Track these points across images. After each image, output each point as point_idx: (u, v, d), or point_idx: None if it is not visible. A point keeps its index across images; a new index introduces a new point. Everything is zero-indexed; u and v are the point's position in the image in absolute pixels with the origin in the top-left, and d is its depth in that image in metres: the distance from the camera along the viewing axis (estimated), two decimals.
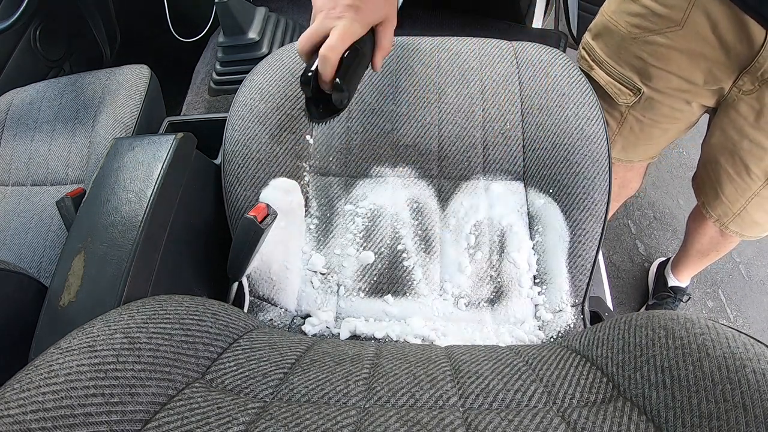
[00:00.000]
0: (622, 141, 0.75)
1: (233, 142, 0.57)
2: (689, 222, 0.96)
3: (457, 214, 0.58)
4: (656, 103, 0.66)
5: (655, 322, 0.32)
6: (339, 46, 0.42)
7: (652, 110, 0.68)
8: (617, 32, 0.64)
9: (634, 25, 0.61)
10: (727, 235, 0.83)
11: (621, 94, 0.67)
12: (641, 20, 0.60)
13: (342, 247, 0.57)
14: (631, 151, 0.77)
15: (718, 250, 0.94)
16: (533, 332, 0.53)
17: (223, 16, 0.82)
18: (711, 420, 0.25)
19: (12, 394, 0.26)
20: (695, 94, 0.63)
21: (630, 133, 0.73)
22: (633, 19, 0.61)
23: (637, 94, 0.66)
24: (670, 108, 0.66)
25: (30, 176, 0.80)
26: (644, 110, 0.68)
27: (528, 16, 1.11)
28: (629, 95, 0.67)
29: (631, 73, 0.65)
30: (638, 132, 0.72)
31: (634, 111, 0.69)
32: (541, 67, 0.61)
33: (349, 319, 0.54)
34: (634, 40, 0.62)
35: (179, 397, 0.31)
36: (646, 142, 0.74)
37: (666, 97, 0.65)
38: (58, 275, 0.45)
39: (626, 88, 0.66)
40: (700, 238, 0.93)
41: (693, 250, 0.99)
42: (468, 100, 0.61)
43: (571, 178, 0.56)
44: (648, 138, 0.73)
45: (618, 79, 0.66)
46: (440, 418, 0.29)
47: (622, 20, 0.63)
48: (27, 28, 1.02)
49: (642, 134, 0.72)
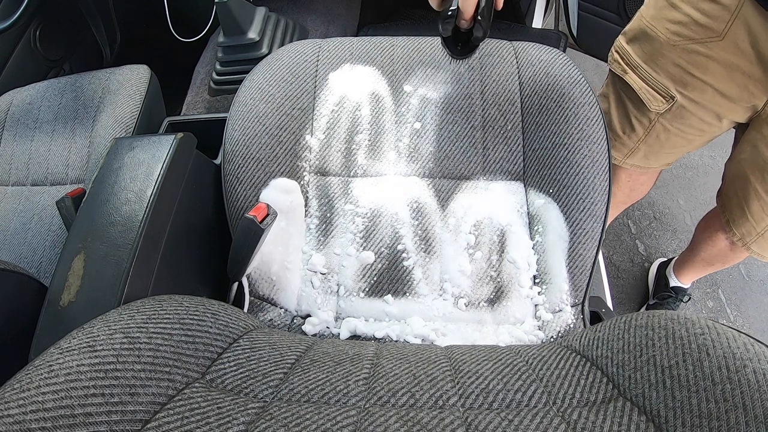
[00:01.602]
0: (645, 148, 0.74)
1: (233, 142, 0.57)
2: (698, 230, 0.95)
3: (456, 214, 0.58)
4: (687, 113, 0.65)
5: (655, 322, 0.32)
6: None
7: (681, 120, 0.67)
8: (656, 38, 0.63)
9: (674, 33, 0.60)
10: (736, 251, 0.82)
11: (654, 101, 0.66)
12: (682, 28, 0.59)
13: (342, 247, 0.57)
14: (652, 159, 0.76)
15: (725, 263, 0.93)
16: (533, 332, 0.53)
17: (223, 16, 0.82)
18: (711, 420, 0.25)
19: (12, 394, 0.26)
20: (728, 108, 0.62)
21: (655, 141, 0.72)
22: (673, 26, 0.60)
23: (670, 102, 0.65)
24: (700, 120, 0.65)
25: (30, 176, 0.80)
26: (673, 119, 0.67)
27: (528, 16, 1.11)
28: (662, 102, 0.66)
29: (666, 80, 0.64)
30: (664, 141, 0.71)
31: (663, 119, 0.68)
32: (541, 67, 0.61)
33: (349, 319, 0.54)
34: (673, 48, 0.61)
35: (179, 397, 0.31)
36: (669, 150, 0.73)
37: (698, 108, 0.64)
38: (58, 275, 0.45)
39: (660, 95, 0.65)
40: (708, 248, 0.92)
41: (698, 258, 0.98)
42: (468, 100, 0.61)
43: (570, 178, 0.56)
44: (672, 147, 0.72)
45: (652, 85, 0.66)
46: (440, 418, 0.29)
47: (662, 26, 0.62)
48: (27, 28, 1.01)
49: (667, 143, 0.71)
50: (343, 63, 0.63)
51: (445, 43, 0.57)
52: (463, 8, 0.48)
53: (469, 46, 0.55)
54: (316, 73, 0.62)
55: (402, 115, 0.61)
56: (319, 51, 0.64)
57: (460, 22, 0.50)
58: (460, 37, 0.54)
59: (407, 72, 0.63)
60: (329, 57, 0.64)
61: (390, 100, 0.62)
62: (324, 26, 1.06)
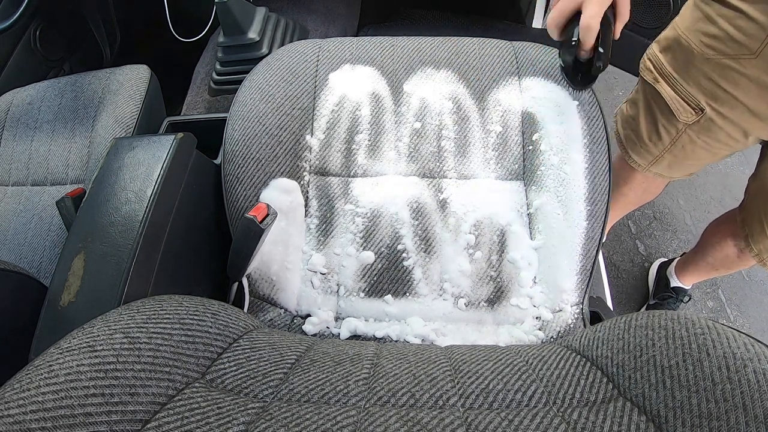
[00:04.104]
0: (670, 158, 0.74)
1: (233, 142, 0.57)
2: (707, 234, 0.95)
3: (456, 213, 0.58)
4: (715, 127, 0.65)
5: (655, 322, 0.32)
6: (599, 13, 0.48)
7: (708, 133, 0.66)
8: (689, 49, 0.62)
9: (708, 46, 0.60)
10: (744, 258, 0.82)
11: (683, 112, 0.66)
12: (717, 42, 0.59)
13: (342, 246, 0.57)
14: (676, 169, 0.76)
15: (730, 268, 0.93)
16: (533, 332, 0.53)
17: (223, 16, 0.83)
18: (711, 420, 0.25)
19: (12, 394, 0.26)
20: (756, 126, 0.62)
21: (681, 151, 0.72)
22: (708, 39, 0.60)
23: (699, 114, 0.65)
24: (727, 135, 0.65)
25: (30, 176, 0.80)
26: (701, 131, 0.67)
27: (528, 16, 1.11)
28: (691, 114, 0.65)
29: (697, 92, 0.63)
30: (689, 152, 0.71)
31: (690, 130, 0.68)
32: (541, 67, 0.61)
33: (349, 319, 0.54)
34: (707, 61, 0.60)
35: (179, 397, 0.31)
36: (693, 161, 0.73)
37: (727, 123, 0.63)
38: (58, 275, 0.45)
39: (690, 107, 0.65)
40: (716, 254, 0.92)
41: (705, 261, 0.98)
42: (468, 100, 0.61)
43: (570, 178, 0.56)
44: (696, 158, 0.72)
45: (683, 96, 0.65)
46: (440, 418, 0.29)
47: (696, 39, 0.61)
48: (27, 28, 1.01)
49: (692, 155, 0.71)
50: (343, 63, 0.63)
51: (565, 73, 0.58)
52: (584, 39, 0.49)
53: (590, 76, 0.56)
54: (316, 73, 0.62)
55: (402, 115, 0.61)
56: (319, 51, 0.64)
57: (580, 52, 0.51)
58: (580, 67, 0.55)
59: (407, 72, 0.63)
60: (329, 57, 0.64)
61: (390, 100, 0.62)
62: (324, 26, 1.06)
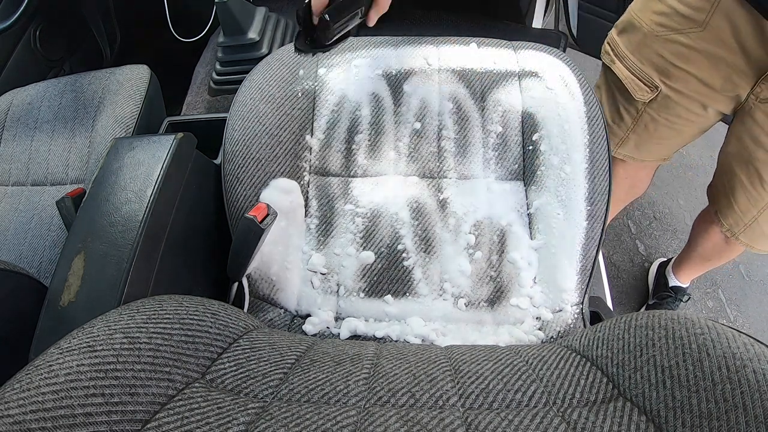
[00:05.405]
0: (635, 138, 0.76)
1: (233, 142, 0.57)
2: (695, 225, 0.96)
3: (456, 213, 0.58)
4: (672, 103, 0.66)
5: (655, 322, 0.32)
6: None
7: (667, 110, 0.68)
8: (641, 29, 0.64)
9: (658, 24, 0.62)
10: (731, 244, 0.83)
11: (639, 90, 0.68)
12: (665, 19, 0.61)
13: (342, 247, 0.57)
14: (644, 150, 0.77)
15: (721, 257, 0.94)
16: (533, 332, 0.53)
17: (223, 16, 0.83)
18: (711, 420, 0.25)
19: (12, 394, 0.26)
20: (712, 98, 0.63)
21: (644, 130, 0.73)
22: (657, 17, 0.62)
23: (655, 92, 0.66)
24: (686, 110, 0.66)
25: (30, 176, 0.80)
26: (660, 109, 0.68)
27: (528, 16, 1.11)
28: (647, 92, 0.67)
29: (650, 70, 0.65)
30: (652, 131, 0.72)
31: (650, 109, 0.69)
32: (541, 67, 0.61)
33: (349, 319, 0.54)
34: (657, 38, 0.63)
35: (179, 397, 0.31)
36: (658, 141, 0.74)
37: (683, 98, 0.65)
38: (58, 275, 0.45)
39: (644, 85, 0.67)
40: (704, 243, 0.93)
41: (695, 253, 0.99)
42: (468, 100, 0.61)
43: (570, 178, 0.56)
44: (661, 137, 0.73)
45: (638, 75, 0.67)
46: (440, 418, 0.29)
47: (647, 18, 0.63)
48: (27, 28, 1.01)
49: (656, 133, 0.73)
50: (344, 63, 0.63)
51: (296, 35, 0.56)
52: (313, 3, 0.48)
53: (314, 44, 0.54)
54: (316, 73, 0.62)
55: (402, 115, 0.61)
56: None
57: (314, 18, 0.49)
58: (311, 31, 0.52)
59: (407, 72, 0.63)
60: (329, 57, 0.64)
61: (390, 100, 0.62)
62: None
